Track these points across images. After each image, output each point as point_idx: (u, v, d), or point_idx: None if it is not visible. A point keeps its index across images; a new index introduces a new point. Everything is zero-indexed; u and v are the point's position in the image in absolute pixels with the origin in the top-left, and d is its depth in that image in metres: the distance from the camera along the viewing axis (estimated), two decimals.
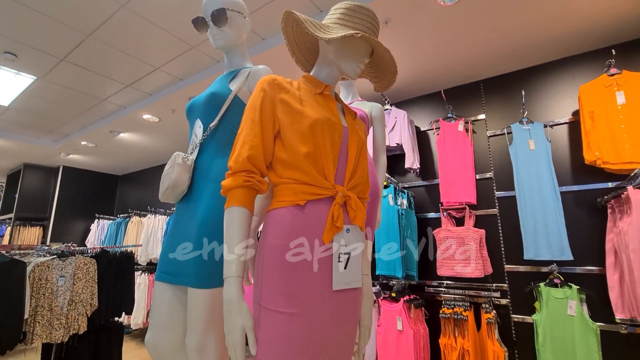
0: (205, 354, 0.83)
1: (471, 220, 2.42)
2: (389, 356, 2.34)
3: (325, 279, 0.72)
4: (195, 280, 0.84)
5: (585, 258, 2.11)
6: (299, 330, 0.66)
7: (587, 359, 1.84)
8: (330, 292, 0.72)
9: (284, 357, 0.63)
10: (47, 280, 2.46)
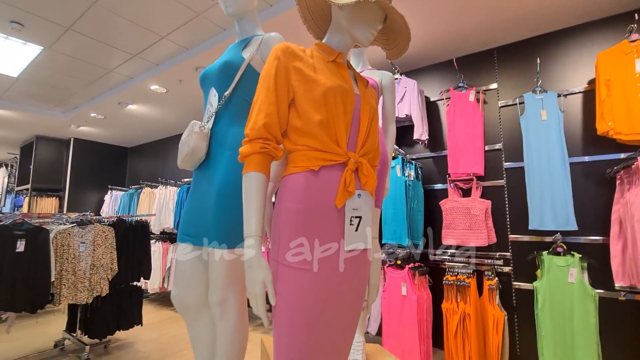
0: (227, 307, 0.91)
1: (478, 191, 2.44)
2: (393, 319, 2.47)
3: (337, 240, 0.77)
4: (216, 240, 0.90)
5: (590, 228, 2.14)
6: (315, 287, 0.72)
7: (583, 324, 1.92)
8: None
9: (300, 307, 0.70)
10: (69, 247, 2.60)
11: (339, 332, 0.75)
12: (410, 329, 2.36)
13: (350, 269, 0.78)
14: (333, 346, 0.74)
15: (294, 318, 0.69)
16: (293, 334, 0.68)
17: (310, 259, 0.73)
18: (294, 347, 0.68)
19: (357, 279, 0.81)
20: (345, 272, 0.77)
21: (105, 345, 2.96)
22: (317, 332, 0.70)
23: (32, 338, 3.21)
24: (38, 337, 3.22)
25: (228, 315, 0.90)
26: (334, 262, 0.75)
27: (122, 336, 3.28)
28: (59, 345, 2.93)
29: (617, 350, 2.01)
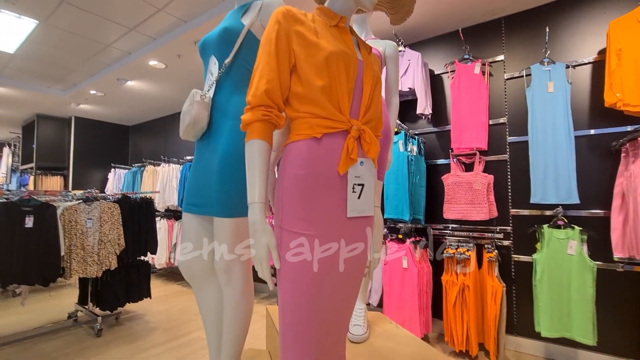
0: (232, 274, 0.94)
1: (480, 165, 2.43)
2: (394, 291, 2.54)
3: (340, 207, 0.78)
4: (220, 210, 0.92)
5: (591, 202, 2.15)
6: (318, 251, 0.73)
7: (580, 294, 1.97)
8: (345, 218, 0.79)
9: (303, 270, 0.72)
10: (77, 222, 2.65)
11: (341, 296, 0.78)
12: (411, 300, 2.43)
13: (352, 235, 0.80)
14: (336, 308, 0.76)
15: (298, 281, 0.71)
16: (297, 296, 0.71)
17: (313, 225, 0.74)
18: (299, 308, 0.70)
19: (359, 244, 0.83)
20: (347, 238, 0.79)
21: (117, 316, 3.08)
22: (320, 294, 0.72)
23: (46, 310, 3.34)
24: (52, 310, 3.35)
25: (234, 281, 0.93)
26: (337, 229, 0.77)
27: (132, 308, 3.41)
28: (72, 317, 3.05)
29: (612, 320, 2.07)
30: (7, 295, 3.86)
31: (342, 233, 0.78)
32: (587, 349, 2.13)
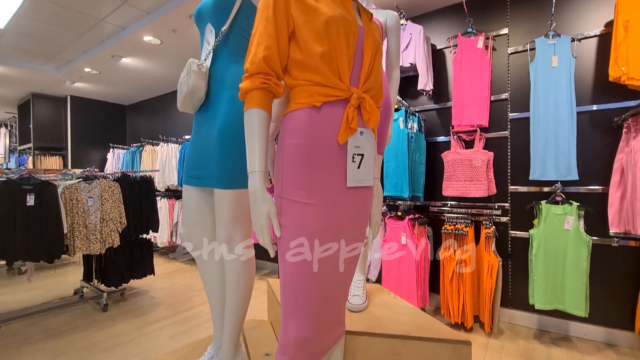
0: (234, 244, 0.95)
1: (481, 142, 2.42)
2: (392, 267, 2.59)
3: (340, 177, 0.78)
4: (220, 182, 0.92)
5: (590, 178, 2.15)
6: (316, 218, 0.74)
7: (575, 267, 2.01)
8: (345, 188, 0.79)
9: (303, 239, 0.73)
10: (78, 201, 2.66)
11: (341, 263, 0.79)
12: (408, 275, 2.48)
13: (353, 205, 0.80)
14: (336, 276, 0.78)
15: None
16: (298, 263, 0.72)
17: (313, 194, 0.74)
18: (299, 275, 0.72)
19: (359, 216, 0.83)
20: (347, 208, 0.79)
21: (122, 292, 3.15)
22: (321, 261, 0.73)
23: (52, 287, 3.42)
24: (57, 286, 3.43)
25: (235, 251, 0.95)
26: (337, 198, 0.77)
27: (136, 285, 3.48)
28: (78, 293, 3.13)
29: (605, 292, 2.12)
30: (13, 273, 3.94)
31: (342, 203, 0.79)
32: (579, 320, 2.20)
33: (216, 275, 1.05)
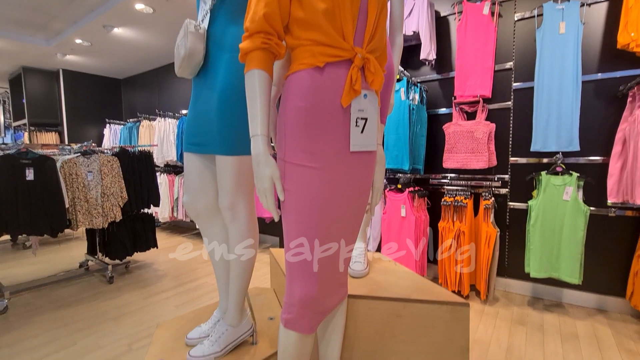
0: (237, 211, 0.96)
1: (483, 114, 2.39)
2: (392, 238, 2.63)
3: (343, 141, 0.77)
4: (222, 148, 0.91)
5: (591, 149, 2.15)
6: (319, 182, 0.74)
7: (571, 237, 2.05)
8: (348, 152, 0.78)
9: (307, 203, 0.73)
10: (77, 175, 2.66)
11: (343, 228, 0.80)
12: (407, 246, 2.53)
13: (355, 169, 0.80)
14: (338, 239, 0.79)
15: (302, 210, 0.73)
16: (302, 224, 0.73)
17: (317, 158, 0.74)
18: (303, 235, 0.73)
19: (362, 181, 0.83)
20: (350, 172, 0.79)
21: (126, 265, 3.22)
22: (324, 223, 0.74)
23: (57, 261, 3.48)
24: (63, 260, 3.50)
25: (238, 218, 0.96)
26: (340, 162, 0.77)
27: (140, 258, 3.55)
28: (83, 266, 3.19)
29: (599, 261, 2.17)
30: (18, 248, 4.00)
31: (345, 167, 0.78)
32: (572, 287, 2.27)
33: (220, 242, 1.06)
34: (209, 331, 1.12)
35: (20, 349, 1.89)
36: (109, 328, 2.11)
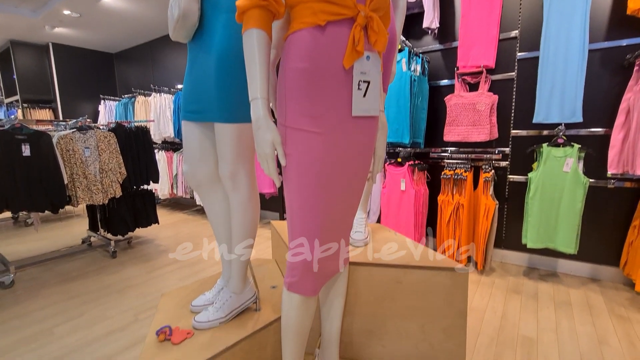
0: (237, 180, 0.95)
1: (486, 85, 2.34)
2: (391, 212, 2.65)
3: (345, 105, 0.75)
4: (221, 115, 0.89)
5: (594, 120, 2.12)
6: (321, 147, 0.73)
7: (569, 208, 2.06)
8: (350, 117, 0.77)
9: (308, 168, 0.72)
10: (75, 152, 2.63)
11: (345, 193, 0.79)
12: (407, 219, 2.56)
13: (357, 135, 0.79)
14: (340, 204, 0.79)
15: (303, 175, 0.72)
16: (304, 189, 0.72)
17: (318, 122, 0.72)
18: (306, 200, 0.72)
19: (364, 147, 0.82)
20: (352, 138, 0.78)
21: (128, 241, 3.25)
22: (326, 188, 0.74)
23: (59, 237, 3.52)
24: (65, 237, 3.53)
25: (239, 187, 0.95)
26: (341, 127, 0.75)
27: (142, 234, 3.59)
28: (86, 241, 3.23)
29: (595, 231, 2.20)
30: (20, 226, 4.03)
31: (347, 132, 0.77)
32: (567, 258, 2.32)
33: (221, 213, 1.06)
34: (213, 299, 1.14)
35: (30, 320, 1.94)
36: (115, 300, 2.16)
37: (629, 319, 1.79)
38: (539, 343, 1.61)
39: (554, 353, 1.54)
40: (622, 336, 1.65)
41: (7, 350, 1.67)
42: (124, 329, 1.83)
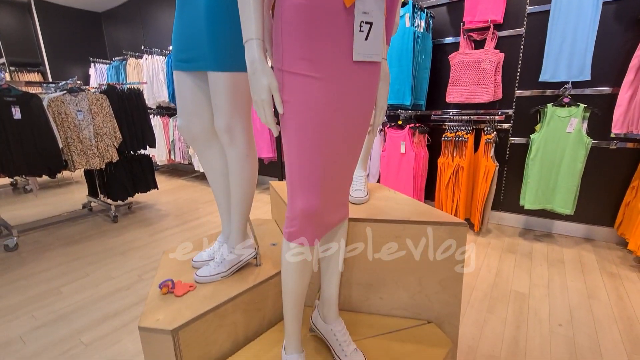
0: (234, 133, 0.92)
1: (492, 42, 2.24)
2: (390, 175, 2.65)
3: (345, 49, 0.71)
4: (214, 63, 0.84)
5: (601, 78, 2.05)
6: (320, 93, 0.69)
7: (570, 169, 2.05)
8: (351, 62, 0.72)
9: (307, 115, 0.69)
10: (67, 115, 2.56)
11: (346, 143, 0.77)
12: (406, 182, 2.56)
13: (358, 82, 0.75)
14: (341, 154, 0.77)
15: (302, 123, 0.69)
16: (302, 138, 0.70)
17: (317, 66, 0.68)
18: (305, 149, 0.70)
19: (365, 96, 0.78)
20: (352, 84, 0.74)
21: (129, 206, 3.27)
22: (326, 137, 0.71)
23: (59, 203, 3.53)
24: (65, 202, 3.55)
25: (236, 141, 0.92)
26: (342, 72, 0.71)
27: (142, 199, 3.61)
28: (86, 207, 3.24)
29: (593, 193, 2.21)
30: (19, 192, 4.03)
31: (347, 78, 0.73)
32: (562, 219, 2.35)
33: (219, 169, 1.04)
34: (214, 255, 1.16)
35: (36, 281, 1.99)
36: (119, 261, 2.21)
37: (619, 276, 1.84)
38: (531, 297, 1.67)
39: (544, 306, 1.60)
40: (611, 291, 1.71)
41: (18, 307, 1.73)
42: (130, 288, 1.89)
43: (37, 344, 1.45)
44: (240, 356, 0.97)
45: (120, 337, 1.48)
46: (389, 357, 0.95)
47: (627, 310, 1.55)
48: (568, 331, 1.43)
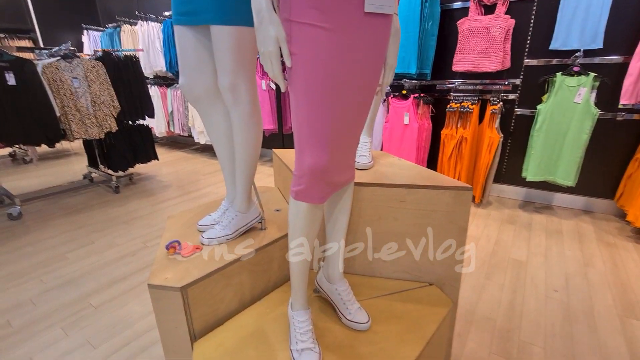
0: (238, 92, 0.89)
1: (504, 7, 2.15)
2: (393, 146, 2.63)
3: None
4: (216, 16, 0.80)
5: (613, 47, 1.99)
6: (330, 45, 0.66)
7: (574, 140, 2.04)
8: (362, 13, 0.69)
9: (316, 68, 0.67)
10: (62, 82, 2.49)
11: (355, 100, 0.75)
12: (408, 154, 2.54)
13: (369, 35, 0.72)
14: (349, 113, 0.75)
15: (311, 77, 0.67)
16: (311, 93, 0.68)
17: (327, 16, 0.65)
18: (313, 104, 0.68)
19: (375, 51, 0.75)
20: (363, 37, 0.71)
21: (130, 177, 3.27)
22: (335, 92, 0.69)
23: (60, 174, 3.52)
24: (66, 173, 3.54)
25: (240, 100, 0.90)
26: (353, 23, 0.68)
27: (143, 170, 3.60)
28: (87, 177, 3.24)
29: (596, 164, 2.21)
30: (18, 163, 4.01)
31: (358, 30, 0.70)
32: (563, 191, 2.36)
33: (222, 130, 1.02)
34: (219, 218, 1.16)
35: (42, 247, 2.02)
36: (123, 230, 2.23)
37: (616, 245, 1.87)
38: (528, 265, 1.71)
39: (540, 273, 1.64)
40: (606, 259, 1.75)
41: (25, 272, 1.76)
42: (135, 254, 1.92)
43: (48, 306, 1.49)
44: (247, 314, 1.00)
45: (128, 299, 1.52)
46: (392, 315, 0.98)
47: (622, 277, 1.59)
48: (563, 296, 1.47)
